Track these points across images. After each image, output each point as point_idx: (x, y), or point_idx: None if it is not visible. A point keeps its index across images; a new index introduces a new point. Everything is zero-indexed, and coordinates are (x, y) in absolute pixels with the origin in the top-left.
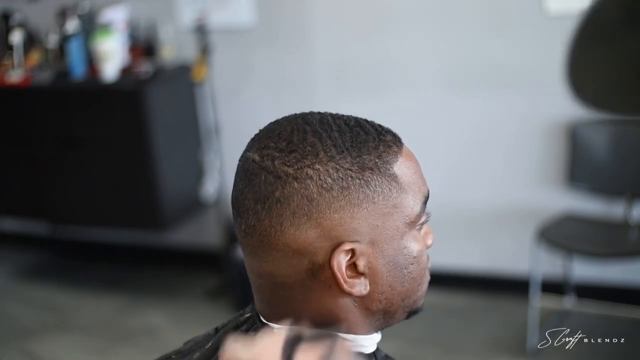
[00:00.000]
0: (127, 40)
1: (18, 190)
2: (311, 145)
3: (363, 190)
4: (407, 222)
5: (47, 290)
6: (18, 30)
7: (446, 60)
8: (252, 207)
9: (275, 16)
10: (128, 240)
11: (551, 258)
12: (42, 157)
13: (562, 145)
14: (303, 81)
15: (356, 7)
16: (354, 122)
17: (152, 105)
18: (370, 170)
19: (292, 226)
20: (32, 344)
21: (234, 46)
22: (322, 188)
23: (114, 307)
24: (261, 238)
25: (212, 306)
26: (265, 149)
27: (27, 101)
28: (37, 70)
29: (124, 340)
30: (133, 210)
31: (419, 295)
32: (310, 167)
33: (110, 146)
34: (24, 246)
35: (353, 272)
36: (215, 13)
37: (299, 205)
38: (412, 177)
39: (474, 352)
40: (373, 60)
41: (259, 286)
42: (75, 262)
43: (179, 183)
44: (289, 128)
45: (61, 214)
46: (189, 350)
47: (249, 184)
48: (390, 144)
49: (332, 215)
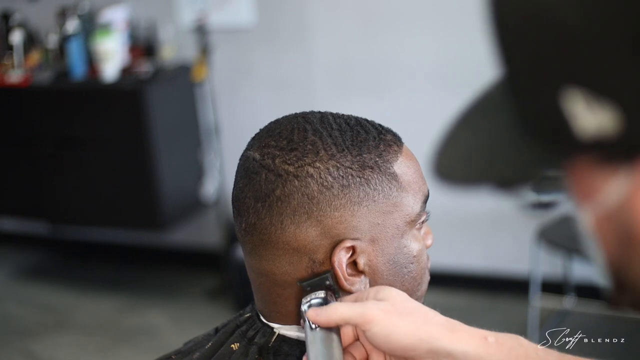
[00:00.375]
0: (127, 40)
1: (18, 190)
2: (312, 143)
3: (363, 188)
4: (407, 221)
5: (47, 290)
6: (18, 30)
7: (446, 60)
8: (253, 206)
9: (275, 16)
10: (128, 240)
11: (551, 258)
12: (42, 157)
13: None
14: (303, 81)
15: (356, 7)
16: (355, 122)
17: (152, 105)
18: (371, 168)
19: (292, 224)
20: (32, 344)
21: (233, 46)
22: (322, 186)
23: (114, 307)
24: (261, 236)
25: (212, 306)
26: (266, 147)
27: (27, 101)
28: (37, 70)
29: (124, 340)
30: (133, 210)
31: (419, 295)
32: (311, 165)
33: (110, 146)
34: (24, 246)
35: (353, 271)
36: (215, 13)
37: (299, 203)
38: (412, 176)
39: None
40: (372, 60)
41: (259, 285)
42: (75, 262)
43: (179, 183)
44: (289, 127)
45: (61, 214)
46: (189, 351)
47: (249, 183)
48: (391, 143)
49: (332, 213)
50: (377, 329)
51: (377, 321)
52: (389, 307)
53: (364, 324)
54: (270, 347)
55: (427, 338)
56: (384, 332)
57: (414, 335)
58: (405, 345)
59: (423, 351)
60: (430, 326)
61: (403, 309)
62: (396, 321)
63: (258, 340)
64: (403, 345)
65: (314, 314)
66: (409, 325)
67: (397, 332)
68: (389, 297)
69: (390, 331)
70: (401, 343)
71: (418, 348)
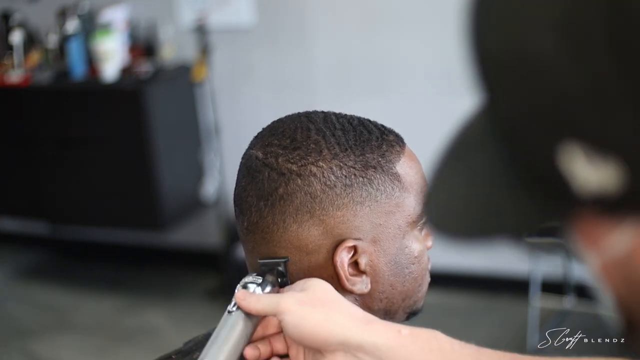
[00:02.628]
0: (127, 40)
1: (18, 190)
2: (315, 143)
3: (366, 188)
4: (408, 222)
5: (47, 290)
6: (18, 30)
7: (446, 60)
8: (255, 204)
9: (275, 16)
10: (128, 240)
11: (551, 258)
12: (42, 157)
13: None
14: (303, 81)
15: (356, 7)
16: (357, 122)
17: (152, 105)
18: (374, 168)
19: (294, 223)
20: (32, 344)
21: (234, 46)
22: (325, 185)
23: (114, 307)
24: (263, 235)
25: (212, 306)
26: (269, 146)
27: (27, 101)
28: (37, 70)
29: (124, 340)
30: (133, 210)
31: (420, 296)
32: (314, 164)
33: (110, 146)
34: (24, 246)
35: (354, 270)
36: (215, 13)
37: (302, 202)
38: (414, 177)
39: None
40: (372, 60)
41: None
42: (75, 262)
43: (179, 183)
44: (292, 126)
45: (61, 214)
46: (189, 350)
47: (252, 181)
48: (393, 143)
49: (335, 212)
50: (289, 318)
51: (289, 311)
52: (304, 297)
53: (278, 313)
54: None
55: (337, 329)
56: (293, 322)
57: (322, 327)
58: (315, 337)
59: (333, 342)
60: (342, 318)
61: (318, 300)
62: (308, 311)
63: None
64: (313, 337)
65: (242, 295)
66: (320, 316)
67: (307, 322)
68: (309, 288)
69: (300, 321)
70: (312, 334)
71: (328, 339)
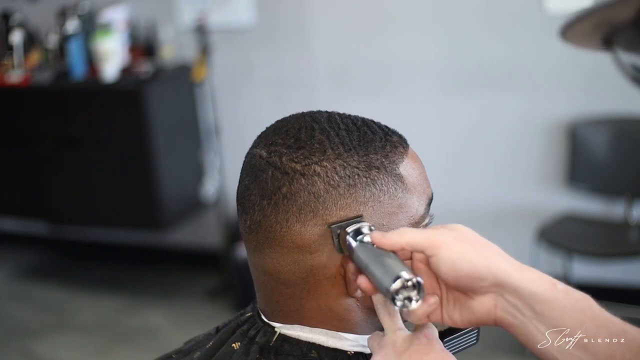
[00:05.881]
0: (127, 40)
1: (18, 190)
2: (319, 142)
3: (369, 188)
4: (411, 223)
5: (47, 290)
6: (18, 30)
7: (446, 60)
8: (258, 203)
9: (275, 16)
10: (128, 240)
11: (551, 258)
12: (42, 157)
13: (562, 145)
14: (303, 81)
15: (356, 7)
16: (361, 122)
17: (152, 105)
18: (377, 169)
19: (297, 222)
20: (32, 344)
21: (234, 46)
22: (329, 185)
23: (114, 307)
24: (266, 234)
25: (212, 306)
26: (272, 145)
27: (27, 101)
28: (37, 70)
29: (124, 340)
30: (133, 210)
31: None
32: (318, 164)
33: (110, 146)
34: (24, 246)
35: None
36: (215, 13)
37: (305, 201)
38: (417, 178)
39: (474, 352)
40: (373, 60)
41: (262, 283)
42: (75, 262)
43: (179, 183)
44: (296, 125)
45: (61, 214)
46: (189, 350)
47: (255, 180)
48: (397, 144)
49: (338, 212)
50: (446, 254)
51: (447, 246)
52: (459, 235)
53: (431, 248)
54: (272, 347)
55: (496, 270)
56: (452, 257)
57: (483, 265)
58: (472, 273)
59: (490, 282)
60: (500, 259)
61: (475, 239)
62: (467, 248)
63: (259, 339)
64: (470, 273)
65: (379, 235)
66: (478, 255)
67: (467, 259)
68: (457, 228)
69: (460, 257)
70: (469, 270)
71: (485, 278)
